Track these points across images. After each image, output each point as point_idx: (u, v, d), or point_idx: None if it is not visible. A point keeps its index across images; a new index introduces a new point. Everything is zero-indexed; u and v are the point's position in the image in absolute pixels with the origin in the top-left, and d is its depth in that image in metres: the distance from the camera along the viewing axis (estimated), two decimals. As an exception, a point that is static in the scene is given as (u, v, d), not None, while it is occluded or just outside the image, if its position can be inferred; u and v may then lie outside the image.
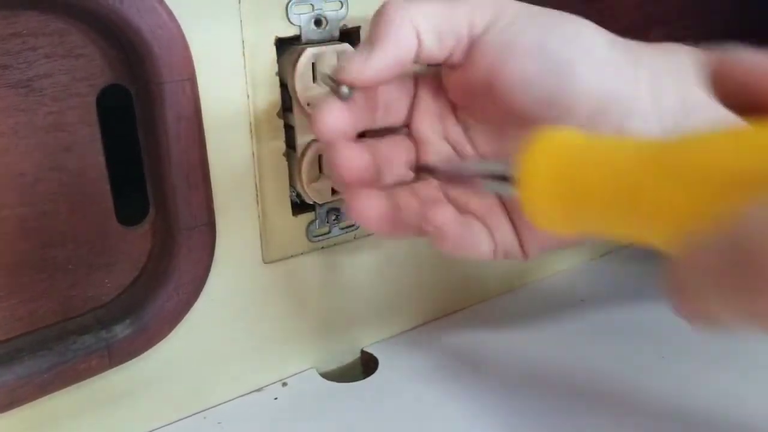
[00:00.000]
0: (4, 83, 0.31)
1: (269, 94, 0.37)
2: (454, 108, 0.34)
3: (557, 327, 0.46)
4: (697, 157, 0.20)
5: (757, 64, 0.30)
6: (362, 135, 0.34)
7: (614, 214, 0.22)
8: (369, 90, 0.32)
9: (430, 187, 0.34)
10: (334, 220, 0.41)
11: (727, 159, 0.19)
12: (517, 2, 0.31)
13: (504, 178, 0.25)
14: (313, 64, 0.36)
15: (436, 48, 0.30)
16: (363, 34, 0.38)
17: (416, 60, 0.30)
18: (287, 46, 0.37)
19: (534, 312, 0.48)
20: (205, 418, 0.39)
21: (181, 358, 0.38)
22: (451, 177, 0.31)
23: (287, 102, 0.37)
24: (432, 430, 0.38)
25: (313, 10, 0.36)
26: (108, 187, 0.35)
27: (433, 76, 0.34)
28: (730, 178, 0.19)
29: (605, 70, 0.30)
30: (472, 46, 0.31)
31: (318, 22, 0.37)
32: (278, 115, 0.37)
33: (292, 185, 0.39)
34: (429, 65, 0.33)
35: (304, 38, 0.37)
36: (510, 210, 0.33)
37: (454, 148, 0.34)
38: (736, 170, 0.19)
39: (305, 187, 0.38)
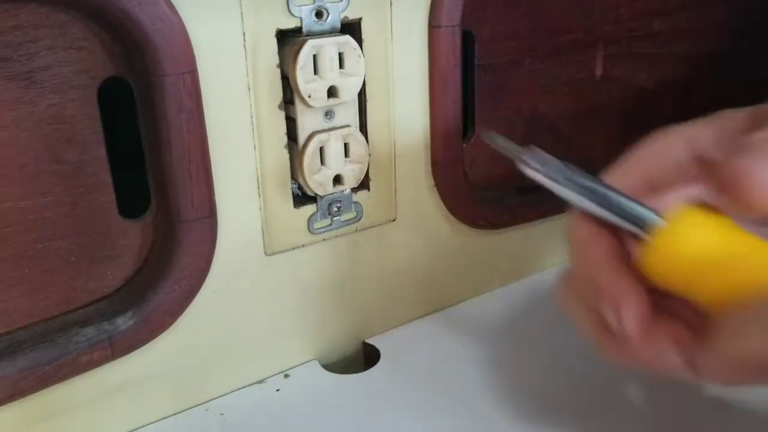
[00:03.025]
0: (5, 75, 0.31)
1: (270, 87, 0.37)
2: None
3: (560, 318, 0.46)
4: None
5: None
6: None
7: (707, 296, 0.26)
8: None
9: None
10: (335, 212, 0.41)
11: None
12: None
13: (637, 223, 0.27)
14: (314, 56, 0.36)
15: None
16: (364, 25, 0.38)
17: None
18: (288, 38, 0.37)
19: (536, 304, 0.48)
20: (207, 409, 0.39)
21: (183, 349, 0.38)
22: (585, 190, 0.28)
23: (288, 94, 0.37)
24: (433, 421, 0.38)
25: (314, 2, 0.36)
26: (109, 179, 0.35)
27: None
28: None
29: None
30: None
31: (319, 14, 0.37)
32: (279, 107, 0.37)
33: (293, 177, 0.39)
34: None
35: (305, 30, 0.36)
36: None
37: None
38: None
39: (306, 179, 0.38)
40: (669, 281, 0.27)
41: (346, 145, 0.39)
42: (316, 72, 0.36)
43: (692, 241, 0.26)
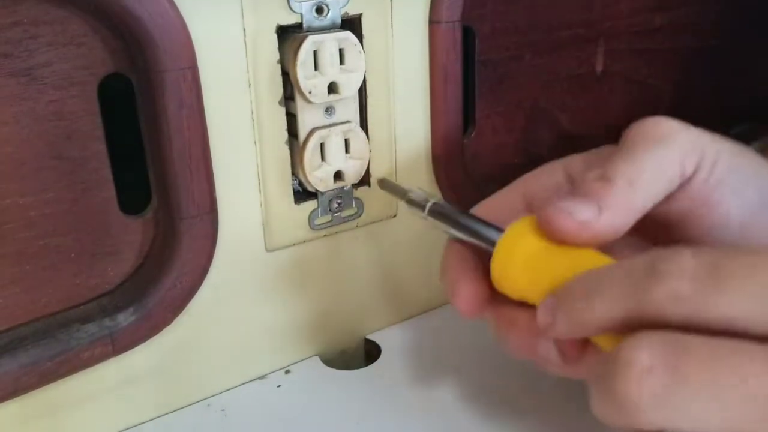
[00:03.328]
0: (6, 72, 0.31)
1: (271, 83, 0.37)
2: None
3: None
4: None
5: None
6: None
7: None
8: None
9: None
10: (336, 208, 0.41)
11: None
12: (719, 145, 0.32)
13: (486, 240, 0.31)
14: (314, 52, 0.36)
15: (650, 209, 0.31)
16: (364, 21, 0.38)
17: None
18: (289, 34, 0.37)
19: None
20: (208, 405, 0.40)
21: (185, 345, 0.38)
22: (451, 220, 0.33)
23: (289, 90, 0.37)
24: (434, 417, 0.38)
25: (314, -3, 0.36)
26: (110, 175, 0.35)
27: None
28: None
29: None
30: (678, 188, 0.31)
31: (319, 10, 0.37)
32: (280, 103, 0.37)
33: (294, 173, 0.39)
34: None
35: (305, 26, 0.36)
36: None
37: None
38: None
39: (307, 175, 0.38)
40: (511, 289, 0.30)
41: (346, 141, 0.39)
42: (316, 68, 0.36)
43: (519, 251, 0.29)
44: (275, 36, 0.36)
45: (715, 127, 0.62)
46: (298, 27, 0.36)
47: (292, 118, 0.38)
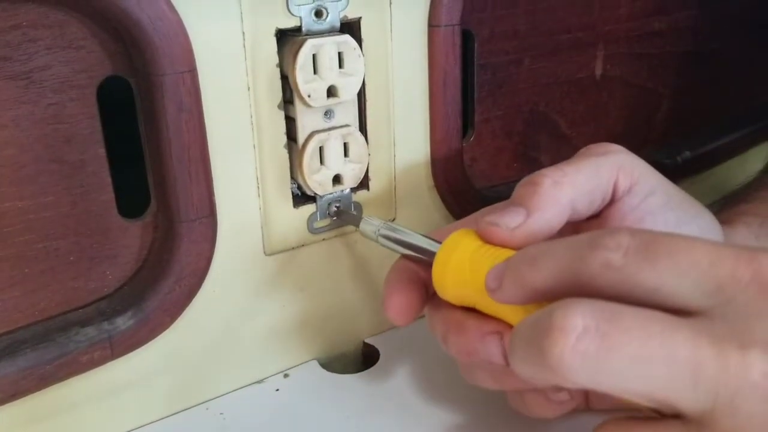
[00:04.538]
0: (5, 75, 0.31)
1: (270, 86, 0.37)
2: None
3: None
4: None
5: None
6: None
7: (480, 304, 0.31)
8: None
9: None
10: (335, 211, 0.41)
11: None
12: (655, 174, 0.34)
13: (427, 253, 0.33)
14: (313, 55, 0.36)
15: (585, 211, 0.33)
16: (363, 25, 0.38)
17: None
18: (288, 38, 0.37)
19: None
20: (207, 409, 0.39)
21: (183, 349, 0.38)
22: (399, 241, 0.35)
23: (288, 94, 0.37)
24: (432, 422, 0.38)
25: (313, 1, 0.36)
26: (109, 179, 0.35)
27: None
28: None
29: None
30: (610, 204, 0.33)
31: (318, 14, 0.37)
32: (279, 106, 0.37)
33: (293, 177, 0.39)
34: None
35: (304, 29, 0.36)
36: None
37: None
38: None
39: (306, 179, 0.38)
40: (452, 295, 0.32)
41: (345, 145, 0.39)
42: (315, 71, 0.36)
43: (454, 257, 0.31)
44: (274, 39, 0.36)
45: (714, 130, 0.62)
46: (297, 30, 0.36)
47: (291, 122, 0.38)
